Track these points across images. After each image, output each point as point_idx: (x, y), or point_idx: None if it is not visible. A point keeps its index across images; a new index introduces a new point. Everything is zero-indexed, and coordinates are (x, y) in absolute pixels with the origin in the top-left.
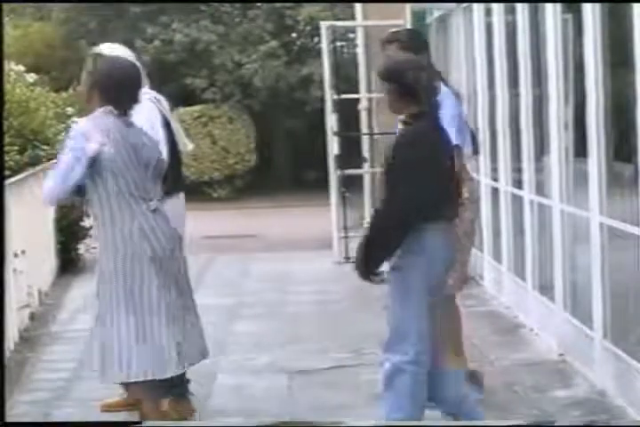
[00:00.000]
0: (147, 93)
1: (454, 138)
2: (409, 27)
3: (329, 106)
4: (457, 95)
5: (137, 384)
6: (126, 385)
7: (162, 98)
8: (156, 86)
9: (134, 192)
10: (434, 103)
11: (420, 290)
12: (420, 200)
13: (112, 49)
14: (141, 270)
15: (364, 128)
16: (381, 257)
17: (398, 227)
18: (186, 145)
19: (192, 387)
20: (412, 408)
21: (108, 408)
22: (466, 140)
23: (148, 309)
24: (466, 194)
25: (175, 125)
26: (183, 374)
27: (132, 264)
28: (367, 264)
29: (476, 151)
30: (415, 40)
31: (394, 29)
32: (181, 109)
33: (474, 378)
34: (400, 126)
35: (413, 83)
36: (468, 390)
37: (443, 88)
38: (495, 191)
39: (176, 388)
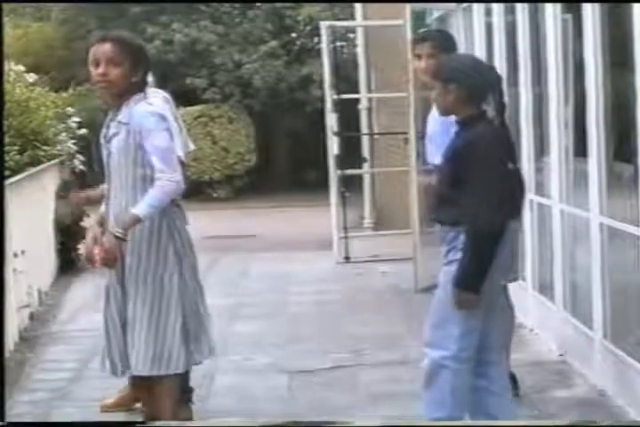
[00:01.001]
0: (157, 93)
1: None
2: (409, 27)
3: (329, 106)
4: None
5: (162, 382)
6: (138, 383)
7: (169, 97)
8: (156, 86)
9: None
10: (502, 103)
11: None
12: (503, 201)
13: None
14: (164, 267)
15: (364, 128)
16: (485, 269)
17: (494, 232)
18: (187, 145)
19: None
20: (453, 406)
21: (107, 408)
22: None
23: (168, 306)
24: None
25: (180, 125)
26: (188, 380)
27: (157, 259)
28: (479, 278)
29: None
30: (448, 40)
31: (424, 30)
32: (181, 109)
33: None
34: (456, 128)
35: (481, 83)
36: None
37: None
38: None
39: (182, 393)
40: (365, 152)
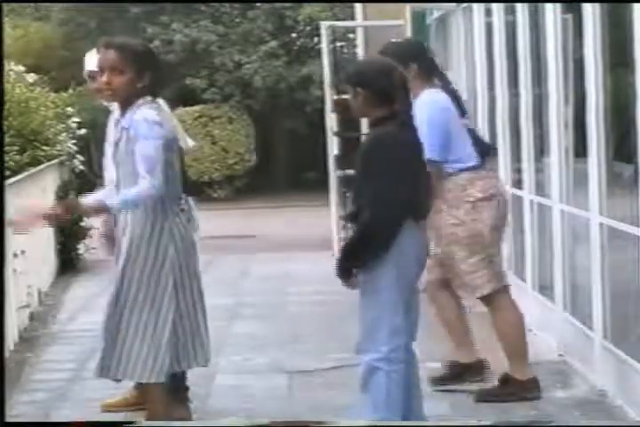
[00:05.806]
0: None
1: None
2: (409, 27)
3: (329, 106)
4: (458, 100)
5: (150, 388)
6: (139, 385)
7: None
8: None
9: (170, 189)
10: (406, 104)
11: (392, 288)
12: (399, 200)
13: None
14: (160, 270)
15: (364, 128)
16: (371, 259)
17: (389, 227)
18: (186, 142)
19: (192, 387)
20: (387, 409)
21: (109, 408)
22: (446, 148)
23: (160, 309)
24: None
25: (173, 123)
26: (184, 379)
27: (154, 264)
28: (352, 264)
29: (486, 153)
30: (400, 53)
31: (393, 40)
32: (181, 109)
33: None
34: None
35: (386, 86)
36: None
37: (439, 94)
38: None
39: (177, 392)
40: None
